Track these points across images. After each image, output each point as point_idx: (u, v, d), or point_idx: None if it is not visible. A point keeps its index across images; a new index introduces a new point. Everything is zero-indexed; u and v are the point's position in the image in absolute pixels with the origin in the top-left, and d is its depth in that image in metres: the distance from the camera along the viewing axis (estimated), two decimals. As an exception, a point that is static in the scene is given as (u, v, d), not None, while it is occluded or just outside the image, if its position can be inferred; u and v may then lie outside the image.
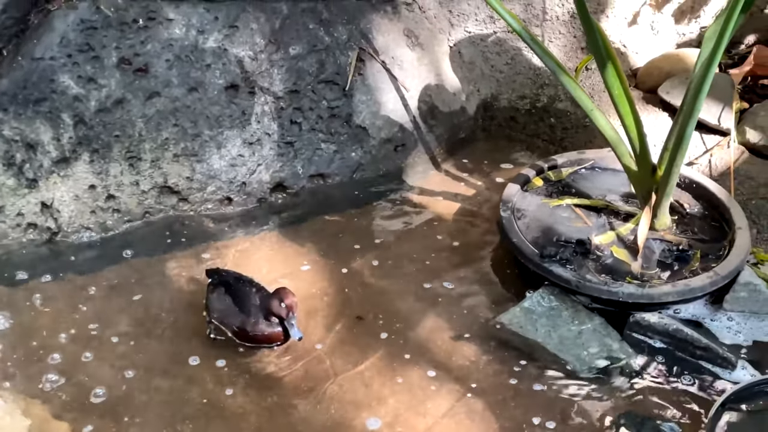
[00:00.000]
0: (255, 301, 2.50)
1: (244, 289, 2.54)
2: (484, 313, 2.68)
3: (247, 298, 2.52)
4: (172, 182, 3.00)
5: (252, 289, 2.54)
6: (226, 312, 2.52)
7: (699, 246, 2.74)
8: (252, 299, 2.51)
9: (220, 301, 2.54)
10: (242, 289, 2.54)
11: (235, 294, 2.53)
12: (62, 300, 2.67)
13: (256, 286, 2.58)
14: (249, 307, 2.50)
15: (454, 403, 2.38)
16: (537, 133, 3.56)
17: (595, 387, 2.43)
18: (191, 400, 2.37)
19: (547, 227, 2.83)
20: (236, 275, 2.62)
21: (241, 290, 2.53)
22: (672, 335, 2.50)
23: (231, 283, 2.57)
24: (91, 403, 2.34)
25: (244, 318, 2.49)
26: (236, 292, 2.53)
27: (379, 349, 2.54)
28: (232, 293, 2.53)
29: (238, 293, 2.53)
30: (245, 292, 2.53)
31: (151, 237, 2.95)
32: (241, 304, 2.50)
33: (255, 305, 2.50)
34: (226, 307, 2.52)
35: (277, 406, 2.35)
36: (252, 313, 2.49)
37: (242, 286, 2.56)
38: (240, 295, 2.52)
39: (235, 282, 2.57)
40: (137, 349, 2.53)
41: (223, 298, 2.53)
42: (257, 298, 2.51)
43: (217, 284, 2.58)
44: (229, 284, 2.56)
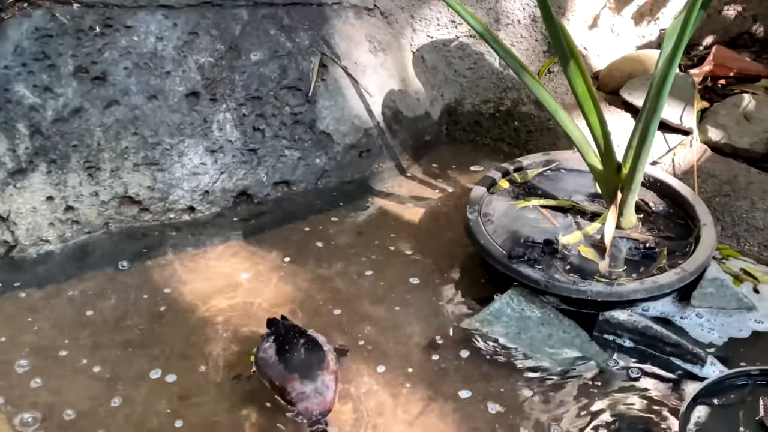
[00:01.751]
0: (301, 357, 2.25)
1: (293, 341, 2.29)
2: (453, 317, 2.66)
3: (294, 351, 2.26)
4: (132, 192, 2.94)
5: (301, 342, 2.30)
6: (264, 362, 2.29)
7: (665, 243, 2.75)
8: (298, 354, 2.26)
9: (265, 349, 2.30)
10: (291, 341, 2.30)
11: (282, 345, 2.28)
12: (19, 314, 2.59)
13: (309, 339, 2.31)
14: (292, 363, 2.23)
15: (424, 408, 2.34)
16: (501, 136, 3.56)
17: (565, 387, 2.41)
18: (158, 412, 2.30)
19: (514, 229, 2.82)
20: (295, 327, 2.38)
21: (289, 342, 2.29)
22: (642, 332, 2.50)
23: (284, 334, 2.33)
24: (46, 419, 2.27)
25: (281, 371, 2.24)
26: (283, 343, 2.29)
27: (349, 354, 2.50)
28: (279, 344, 2.29)
29: (284, 344, 2.29)
30: (292, 345, 2.28)
31: (111, 248, 2.89)
32: (283, 357, 2.25)
33: (299, 362, 2.24)
34: (267, 357, 2.29)
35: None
36: (293, 370, 2.22)
37: (293, 338, 2.31)
38: (286, 348, 2.27)
39: (289, 334, 2.33)
40: (98, 362, 2.45)
41: (269, 347, 2.30)
42: (304, 356, 2.26)
43: (270, 334, 2.37)
44: (281, 335, 2.33)
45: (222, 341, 2.53)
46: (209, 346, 2.51)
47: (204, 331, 2.57)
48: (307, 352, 2.25)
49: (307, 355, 2.24)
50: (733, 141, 3.13)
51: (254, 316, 2.62)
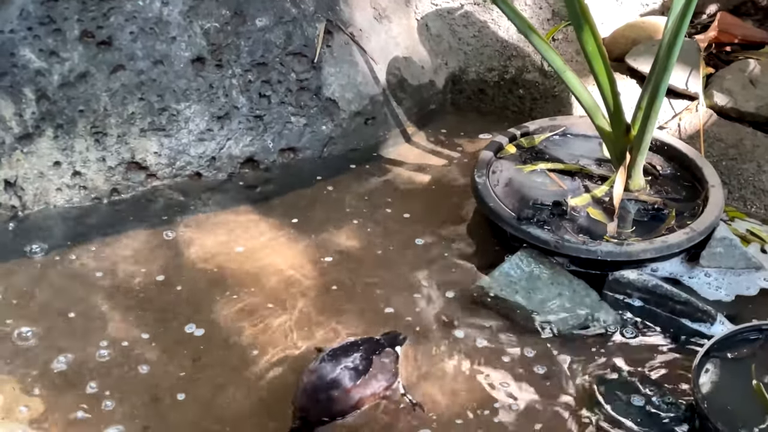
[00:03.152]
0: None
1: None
2: (462, 279, 2.66)
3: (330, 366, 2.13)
4: (139, 158, 2.93)
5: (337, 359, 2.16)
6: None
7: (673, 205, 2.76)
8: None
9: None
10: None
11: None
12: (28, 279, 2.58)
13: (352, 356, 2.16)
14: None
15: (432, 368, 2.35)
16: (506, 104, 3.55)
17: (576, 347, 2.42)
18: (168, 373, 2.30)
19: (522, 192, 2.82)
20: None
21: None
22: (651, 291, 2.51)
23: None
24: (56, 374, 2.27)
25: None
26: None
27: (357, 316, 2.50)
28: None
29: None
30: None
31: (119, 214, 2.88)
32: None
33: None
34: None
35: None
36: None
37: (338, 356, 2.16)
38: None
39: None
40: (107, 324, 2.45)
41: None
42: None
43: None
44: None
45: (228, 304, 2.53)
46: (215, 309, 2.51)
47: (210, 294, 2.57)
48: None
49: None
50: (738, 105, 3.13)
51: (261, 281, 2.62)
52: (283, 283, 2.61)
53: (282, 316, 2.49)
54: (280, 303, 2.54)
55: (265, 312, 2.50)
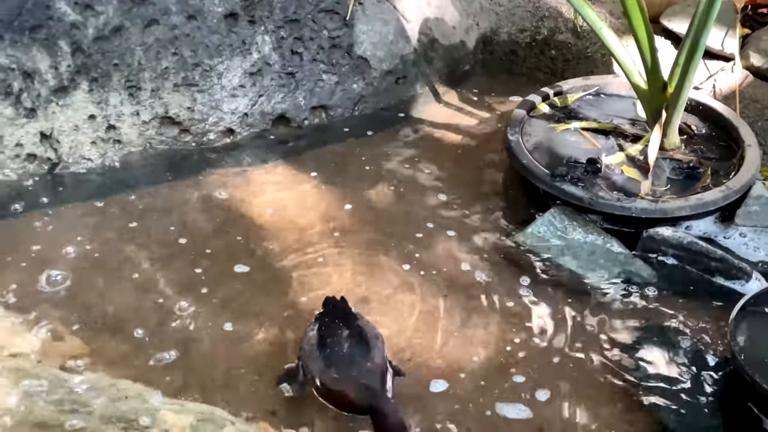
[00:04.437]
0: (344, 352, 1.99)
1: (339, 334, 2.02)
2: (495, 236, 2.66)
3: (337, 345, 2.00)
4: (173, 113, 2.94)
5: (348, 336, 2.02)
6: (306, 352, 2.05)
7: (709, 164, 2.73)
8: (340, 348, 2.00)
9: (308, 338, 2.06)
10: (336, 333, 2.02)
11: (325, 335, 2.03)
12: (63, 229, 2.61)
13: (359, 333, 2.03)
14: (334, 358, 1.98)
15: (466, 320, 2.36)
16: (538, 66, 3.53)
17: (610, 303, 2.42)
18: (195, 322, 2.33)
19: (555, 150, 2.81)
20: (348, 314, 2.10)
21: (335, 334, 2.02)
22: (686, 248, 2.50)
23: (332, 322, 2.06)
24: (96, 323, 2.30)
25: (320, 366, 1.99)
26: (327, 333, 2.04)
27: (389, 273, 2.51)
28: (323, 333, 2.04)
29: (327, 335, 2.03)
30: (337, 337, 2.01)
31: (152, 168, 2.90)
32: (325, 350, 2.00)
33: (341, 357, 1.98)
34: (308, 347, 2.04)
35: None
36: (332, 365, 1.97)
37: (340, 328, 2.04)
38: (330, 339, 2.02)
39: (338, 322, 2.06)
40: (141, 273, 2.47)
41: (311, 337, 2.05)
42: (347, 351, 1.99)
43: (319, 318, 2.09)
44: (328, 323, 2.06)
45: (261, 253, 2.55)
46: (246, 259, 2.53)
47: (243, 244, 2.59)
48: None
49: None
50: (775, 66, 3.10)
51: (291, 234, 2.63)
52: (315, 235, 2.62)
53: (312, 266, 2.51)
54: (311, 253, 2.56)
55: (295, 261, 2.52)
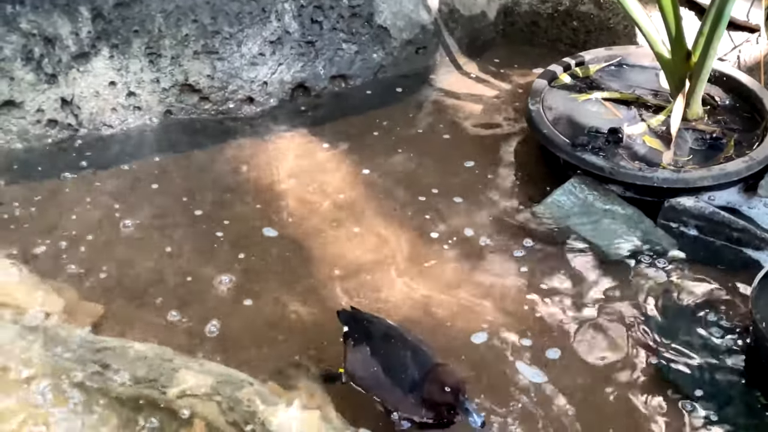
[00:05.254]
0: (413, 373, 1.86)
1: (397, 354, 1.90)
2: (515, 205, 2.65)
3: (403, 367, 1.88)
4: (192, 80, 2.94)
5: (407, 353, 1.90)
6: (373, 382, 1.92)
7: (732, 135, 2.70)
8: (409, 370, 1.87)
9: (364, 365, 1.93)
10: (394, 353, 1.91)
11: (386, 360, 1.90)
12: (83, 194, 2.62)
13: (411, 346, 1.92)
14: (406, 382, 1.87)
15: (489, 288, 2.35)
16: (559, 37, 3.50)
17: (629, 272, 2.40)
18: (214, 285, 2.34)
19: (576, 120, 2.79)
20: (385, 326, 1.98)
21: (394, 355, 1.90)
22: (708, 218, 2.48)
23: (378, 340, 1.94)
24: (117, 286, 2.31)
25: (399, 396, 1.88)
26: (386, 356, 1.91)
27: (411, 237, 2.51)
28: (382, 357, 1.91)
29: (389, 359, 1.90)
30: (398, 358, 1.89)
31: (172, 135, 2.90)
32: (394, 376, 1.88)
33: (413, 379, 1.86)
34: (374, 377, 1.91)
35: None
36: (409, 390, 1.86)
37: (393, 347, 1.92)
38: (392, 363, 1.89)
39: (383, 339, 1.94)
40: (161, 238, 2.49)
41: (369, 363, 1.92)
42: (415, 370, 1.87)
43: (359, 339, 1.96)
44: (375, 342, 1.94)
45: (279, 222, 2.55)
46: (265, 223, 2.54)
47: (261, 210, 2.59)
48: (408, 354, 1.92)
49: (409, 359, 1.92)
50: (801, 37, 3.05)
51: (310, 200, 2.64)
52: (334, 202, 2.63)
53: (331, 231, 2.52)
54: (330, 219, 2.57)
55: (313, 226, 2.52)
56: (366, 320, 2.00)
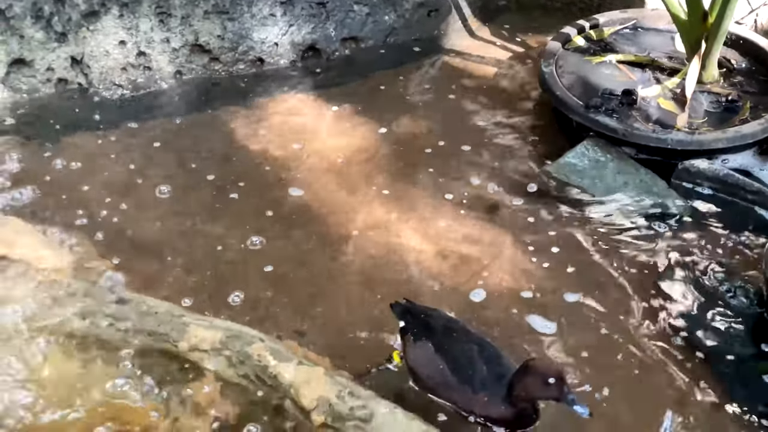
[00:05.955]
0: (481, 370, 1.77)
1: (464, 349, 1.79)
2: (528, 167, 2.63)
3: (471, 364, 1.77)
4: (203, 40, 2.92)
5: (473, 348, 1.80)
6: (438, 381, 1.81)
7: (748, 98, 2.67)
8: (478, 365, 1.77)
9: (428, 363, 1.81)
10: (460, 348, 1.80)
11: (452, 357, 1.79)
12: (94, 153, 2.62)
13: (477, 340, 1.82)
14: (475, 379, 1.76)
15: (502, 249, 2.34)
16: (573, 0, 3.45)
17: (642, 233, 2.38)
18: (228, 246, 2.33)
19: (590, 82, 2.76)
20: (444, 319, 1.87)
21: (460, 351, 1.79)
22: (722, 180, 2.45)
23: (440, 335, 1.82)
24: (125, 243, 2.32)
25: (469, 395, 1.77)
26: (452, 353, 1.80)
27: (426, 197, 2.51)
28: (447, 355, 1.80)
29: (455, 356, 1.79)
30: (466, 355, 1.78)
31: (183, 96, 2.89)
32: (462, 374, 1.77)
33: (482, 374, 1.76)
34: (439, 375, 1.80)
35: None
36: (478, 388, 1.76)
37: (459, 342, 1.81)
38: (459, 360, 1.78)
39: (446, 334, 1.82)
40: (173, 198, 2.48)
41: (434, 361, 1.80)
42: (484, 366, 1.77)
43: (419, 335, 1.84)
44: (437, 338, 1.82)
45: (290, 177, 2.55)
46: (271, 181, 2.53)
47: (274, 172, 2.58)
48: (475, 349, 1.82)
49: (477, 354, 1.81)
50: (820, 0, 3.00)
51: (314, 160, 2.63)
52: (347, 161, 2.62)
53: (344, 190, 2.52)
54: (344, 177, 2.56)
55: (326, 185, 2.52)
56: (424, 313, 1.88)
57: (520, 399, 1.72)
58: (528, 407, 1.74)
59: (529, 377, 1.70)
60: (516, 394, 1.71)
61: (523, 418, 1.75)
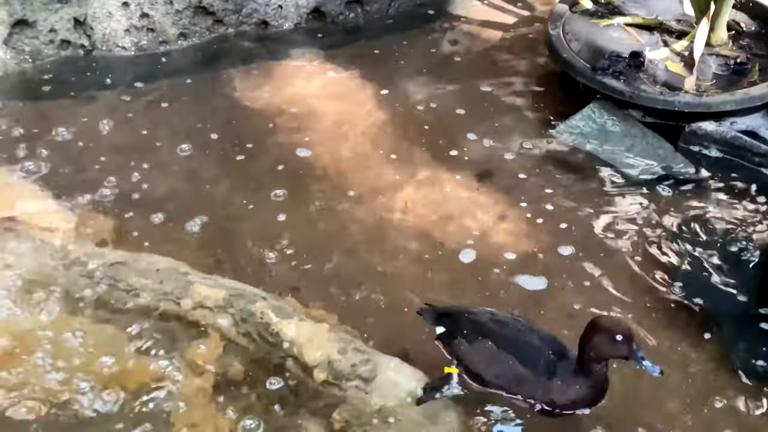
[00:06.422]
0: (548, 356, 1.68)
1: (525, 339, 1.71)
2: (534, 129, 2.62)
3: (539, 352, 1.69)
4: (206, 2, 2.89)
5: (534, 336, 1.71)
6: (509, 378, 1.70)
7: (756, 60, 2.64)
8: (545, 353, 1.69)
9: (494, 361, 1.70)
10: (522, 339, 1.71)
11: (518, 349, 1.69)
12: (99, 115, 2.60)
13: (530, 327, 1.74)
14: (547, 367, 1.68)
15: (507, 210, 2.33)
16: (581, -36, 3.40)
17: (648, 195, 2.36)
18: (233, 203, 2.33)
19: (597, 45, 2.73)
20: (489, 313, 1.77)
21: (523, 342, 1.70)
22: (730, 143, 2.43)
23: (495, 331, 1.72)
24: (129, 201, 2.31)
25: (545, 385, 1.68)
26: (516, 345, 1.70)
27: (426, 157, 2.49)
28: (512, 349, 1.70)
29: (520, 348, 1.69)
30: (530, 344, 1.70)
31: (186, 58, 2.88)
32: (533, 365, 1.68)
33: (550, 360, 1.68)
34: (509, 371, 1.69)
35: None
36: (551, 375, 1.67)
37: (517, 333, 1.72)
38: (527, 351, 1.69)
39: (501, 328, 1.72)
40: (172, 156, 2.47)
41: (499, 358, 1.70)
42: (549, 350, 1.69)
43: (471, 336, 1.73)
44: (494, 334, 1.72)
45: (290, 144, 2.53)
46: (275, 143, 2.52)
47: (273, 132, 2.57)
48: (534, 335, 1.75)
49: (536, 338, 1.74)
50: (832, -38, 2.95)
51: (319, 122, 2.61)
52: (359, 130, 2.60)
53: (346, 150, 2.51)
54: (348, 139, 2.55)
55: (330, 146, 2.51)
56: (467, 312, 1.77)
57: (591, 361, 1.64)
58: (601, 374, 1.66)
59: (597, 336, 1.62)
60: (587, 357, 1.64)
61: (599, 389, 1.68)
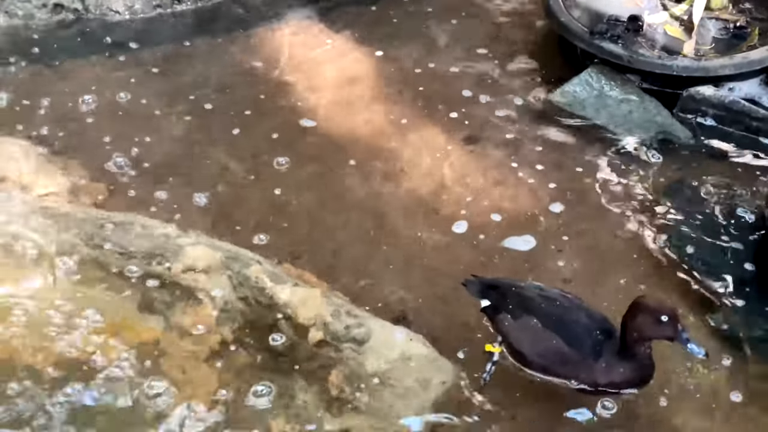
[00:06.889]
0: (595, 336, 1.61)
1: (573, 318, 1.63)
2: (531, 93, 2.60)
3: (587, 332, 1.62)
4: (201, -35, 2.87)
5: (582, 314, 1.64)
6: (554, 358, 1.62)
7: (756, 24, 2.61)
8: (592, 333, 1.62)
9: (538, 340, 1.62)
10: (570, 317, 1.62)
11: (565, 328, 1.61)
12: (92, 80, 2.58)
13: (580, 305, 1.67)
14: (593, 348, 1.61)
15: (508, 175, 2.32)
16: (580, -73, 3.36)
17: (645, 162, 2.35)
18: (231, 171, 2.32)
19: (595, 9, 2.70)
20: (538, 289, 1.69)
21: (570, 321, 1.62)
22: (728, 108, 2.42)
23: (542, 308, 1.64)
24: (126, 166, 2.30)
25: (591, 366, 1.61)
26: (563, 324, 1.61)
27: (422, 122, 2.48)
28: (558, 327, 1.62)
29: (567, 327, 1.61)
30: (578, 323, 1.62)
31: (181, 22, 2.85)
32: (580, 345, 1.61)
33: (597, 341, 1.61)
34: (554, 351, 1.62)
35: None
36: (597, 356, 1.61)
37: (565, 311, 1.63)
38: (574, 330, 1.61)
39: (548, 305, 1.64)
40: (174, 123, 2.46)
41: (544, 336, 1.62)
42: (596, 330, 1.62)
43: (516, 312, 1.65)
44: (541, 311, 1.63)
45: (288, 109, 2.52)
46: (273, 109, 2.51)
47: (270, 99, 2.56)
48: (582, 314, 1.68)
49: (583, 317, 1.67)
50: (834, -75, 2.91)
51: (318, 88, 2.60)
52: (355, 91, 2.59)
53: (344, 113, 2.50)
54: (345, 101, 2.54)
55: (327, 108, 2.50)
56: (514, 286, 1.69)
57: (634, 342, 1.59)
58: (646, 356, 1.61)
59: (640, 316, 1.57)
60: (630, 339, 1.59)
61: (645, 371, 1.63)
